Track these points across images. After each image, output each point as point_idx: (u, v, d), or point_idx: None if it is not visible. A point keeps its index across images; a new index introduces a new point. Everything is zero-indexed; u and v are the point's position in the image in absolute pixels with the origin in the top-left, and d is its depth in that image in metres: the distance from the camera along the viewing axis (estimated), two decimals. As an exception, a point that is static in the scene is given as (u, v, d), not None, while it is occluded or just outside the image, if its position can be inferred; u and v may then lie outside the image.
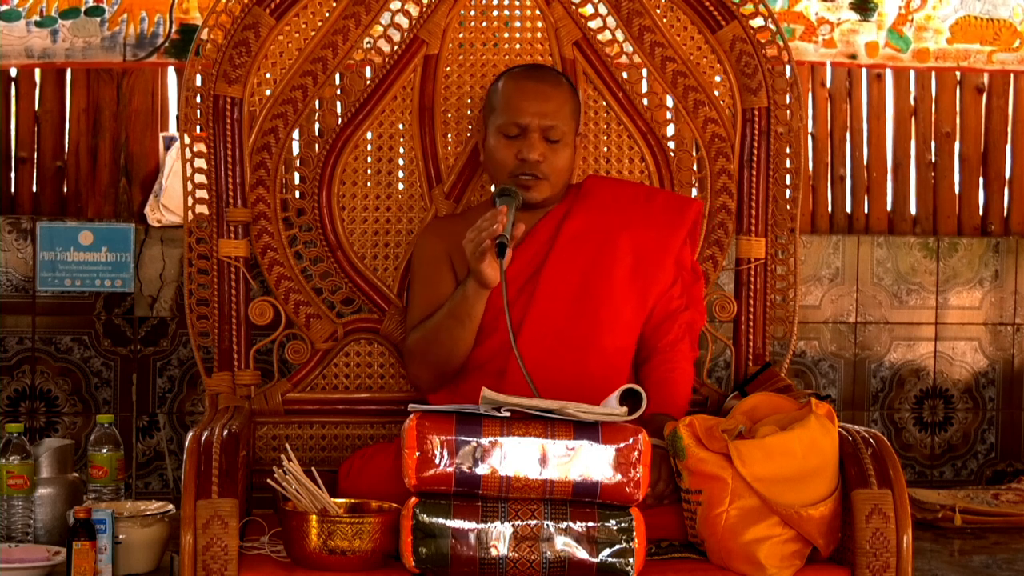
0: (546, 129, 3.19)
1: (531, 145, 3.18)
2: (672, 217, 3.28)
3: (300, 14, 3.41)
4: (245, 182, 3.39)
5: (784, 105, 3.47)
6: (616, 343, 3.19)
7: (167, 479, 4.69)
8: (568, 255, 3.21)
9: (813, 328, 5.11)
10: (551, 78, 3.27)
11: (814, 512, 2.81)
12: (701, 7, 3.47)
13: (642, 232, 3.24)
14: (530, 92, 3.21)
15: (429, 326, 3.20)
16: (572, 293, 3.18)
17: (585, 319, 3.17)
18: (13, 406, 4.67)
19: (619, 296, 3.20)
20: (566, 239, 3.22)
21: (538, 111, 3.19)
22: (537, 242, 3.24)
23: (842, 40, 5.12)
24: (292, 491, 2.82)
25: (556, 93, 3.22)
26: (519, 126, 3.20)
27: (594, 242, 3.22)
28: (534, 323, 3.17)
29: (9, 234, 4.64)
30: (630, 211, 3.26)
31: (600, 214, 3.25)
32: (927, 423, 5.22)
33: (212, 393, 3.38)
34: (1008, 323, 5.26)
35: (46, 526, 3.76)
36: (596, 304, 3.18)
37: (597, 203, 3.27)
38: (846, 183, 5.22)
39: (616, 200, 3.28)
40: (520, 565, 2.70)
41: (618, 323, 3.20)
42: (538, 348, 3.13)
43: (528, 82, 3.23)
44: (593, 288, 3.19)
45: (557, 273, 3.19)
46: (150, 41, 4.74)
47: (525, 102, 3.20)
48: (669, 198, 3.34)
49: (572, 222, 3.24)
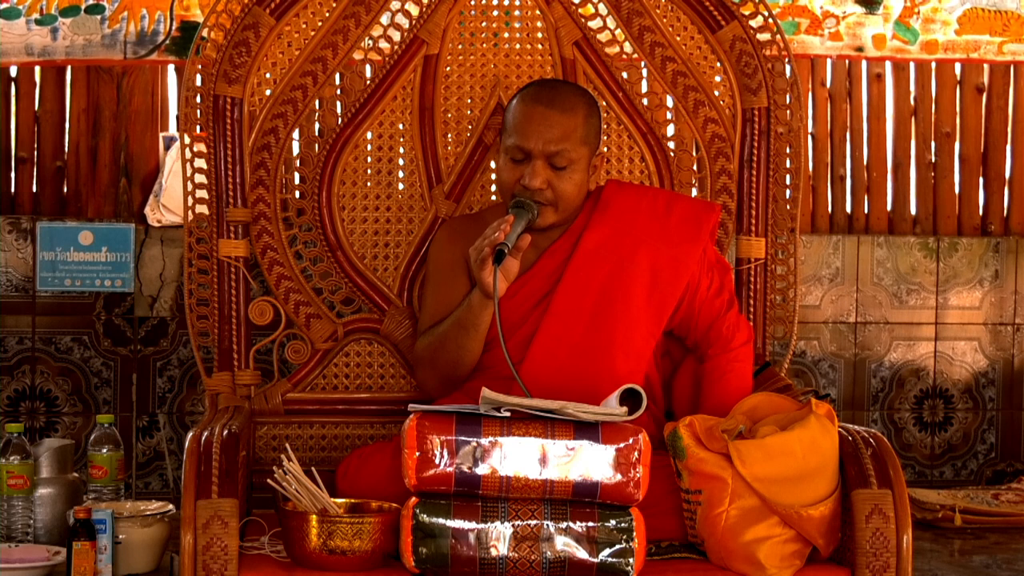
0: (551, 156, 3.12)
1: (534, 172, 3.12)
2: (690, 231, 3.21)
3: (300, 14, 3.41)
4: (245, 182, 3.39)
5: (784, 105, 3.47)
6: (629, 363, 3.14)
7: (167, 479, 4.69)
8: (585, 271, 3.17)
9: (813, 328, 5.11)
10: (563, 101, 3.16)
11: (814, 512, 2.81)
12: (701, 7, 3.46)
13: (660, 248, 3.18)
14: (536, 118, 3.13)
15: (437, 333, 3.19)
16: (588, 309, 3.15)
17: (599, 336, 3.13)
18: (13, 406, 4.67)
19: (635, 314, 3.16)
20: (583, 255, 3.18)
21: (543, 137, 3.12)
22: (555, 259, 3.20)
23: (848, 33, 5.12)
24: (292, 491, 2.82)
25: (564, 119, 3.13)
26: (523, 151, 3.14)
27: (611, 259, 3.17)
28: (546, 336, 3.14)
29: (9, 234, 4.64)
30: (648, 226, 3.20)
31: (617, 229, 3.19)
32: (927, 423, 5.22)
33: (212, 393, 3.38)
34: (1008, 323, 5.26)
35: (46, 526, 3.76)
36: (611, 322, 3.14)
37: (615, 217, 3.21)
38: (846, 183, 5.22)
39: (635, 214, 3.22)
40: (520, 565, 2.70)
41: (632, 342, 3.15)
42: (549, 362, 3.11)
43: (537, 106, 3.14)
44: (608, 306, 3.15)
45: (573, 289, 3.16)
46: (151, 39, 4.74)
47: (531, 127, 3.13)
48: (687, 209, 3.26)
49: (589, 237, 3.19)
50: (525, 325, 3.17)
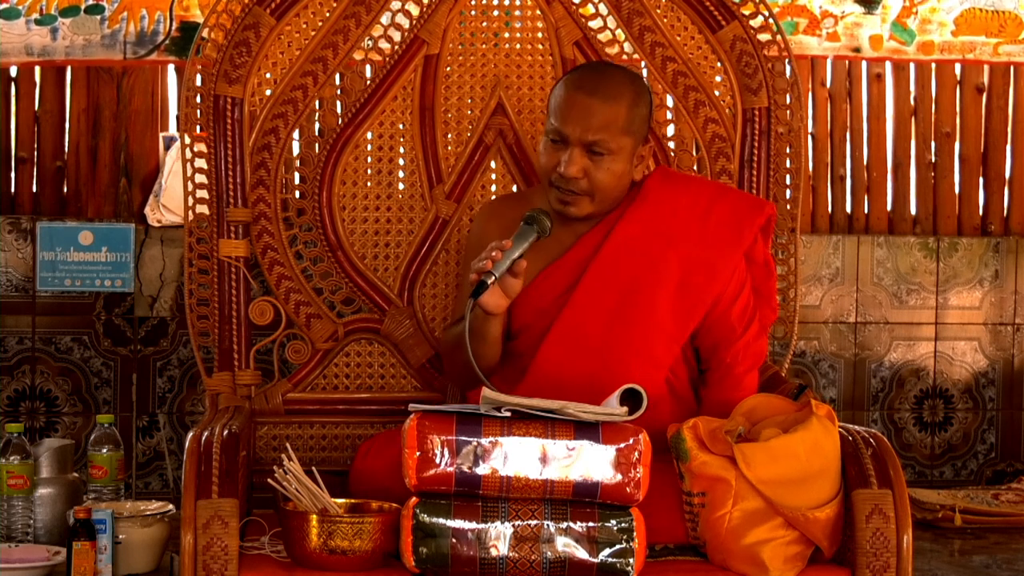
0: (589, 144, 3.04)
1: (571, 160, 3.04)
2: (728, 234, 3.10)
3: (300, 14, 3.41)
4: (245, 182, 3.39)
5: (784, 105, 3.47)
6: (643, 369, 3.04)
7: (167, 479, 4.69)
8: (611, 267, 3.08)
9: (813, 328, 5.11)
10: (607, 88, 3.07)
11: (820, 514, 2.81)
12: (701, 7, 3.46)
13: (693, 251, 3.08)
14: (577, 104, 3.05)
15: (454, 332, 3.14)
16: (609, 308, 3.07)
17: (617, 338, 3.05)
18: (13, 406, 4.67)
19: (658, 318, 3.07)
20: (611, 249, 3.09)
21: (581, 124, 3.04)
22: (585, 250, 3.11)
23: (846, 33, 5.12)
24: (292, 491, 2.82)
25: (605, 108, 3.04)
26: (561, 135, 3.06)
27: (640, 257, 3.08)
28: (562, 331, 3.07)
29: (9, 234, 4.64)
30: (684, 226, 3.10)
31: (650, 226, 3.09)
32: (927, 423, 5.22)
33: (212, 393, 3.38)
34: (1008, 323, 5.26)
35: (46, 526, 3.76)
36: (631, 324, 3.06)
37: (650, 212, 3.11)
38: (846, 183, 5.22)
39: (672, 211, 3.11)
40: (520, 565, 2.70)
41: (650, 347, 3.07)
42: (562, 357, 3.06)
43: (579, 93, 3.06)
44: (631, 306, 3.07)
45: (597, 284, 3.08)
46: (150, 39, 4.75)
47: (571, 113, 3.05)
48: (730, 208, 3.13)
49: (620, 231, 3.10)
50: (545, 317, 3.10)
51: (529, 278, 3.05)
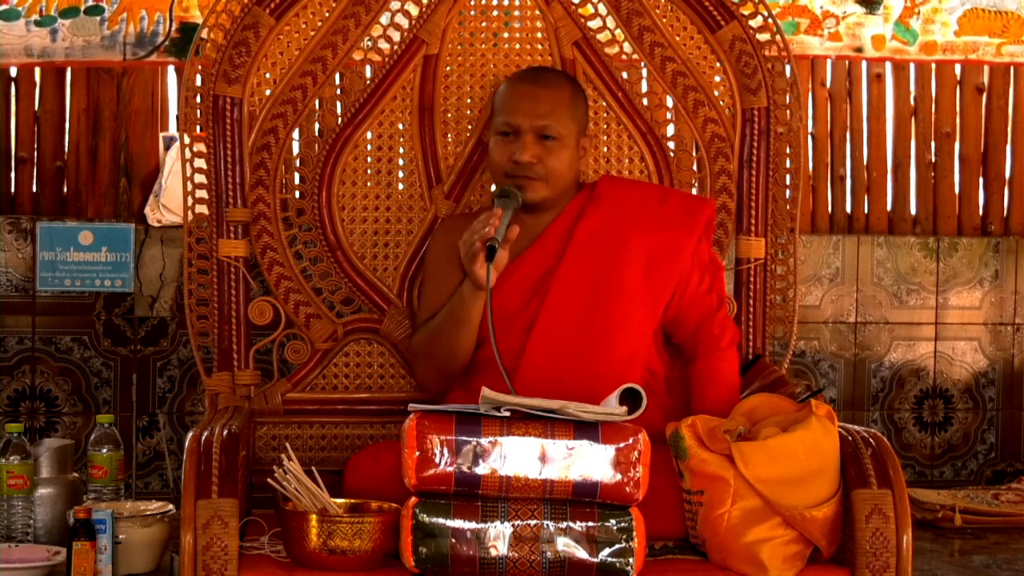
0: (540, 129, 3.20)
1: (524, 146, 3.20)
2: (685, 219, 3.27)
3: (300, 14, 3.41)
4: (245, 182, 3.39)
5: (784, 105, 3.47)
6: (627, 348, 3.19)
7: (167, 479, 4.69)
8: (581, 258, 3.21)
9: (813, 328, 5.11)
10: (549, 80, 3.28)
11: (817, 513, 2.81)
12: (701, 7, 3.47)
13: (655, 235, 3.24)
14: (523, 93, 3.24)
15: (431, 326, 3.22)
16: (584, 296, 3.19)
17: (597, 322, 3.18)
18: (13, 406, 4.67)
19: (630, 299, 3.21)
20: (579, 242, 3.23)
21: (531, 111, 3.20)
22: (549, 243, 3.25)
23: (848, 33, 5.12)
24: (292, 491, 2.82)
25: (550, 94, 3.23)
26: (512, 126, 3.22)
27: (606, 245, 3.22)
28: (545, 325, 3.18)
29: (9, 234, 4.64)
30: (643, 214, 3.26)
31: (613, 217, 3.25)
32: (927, 423, 5.22)
33: (212, 393, 3.38)
34: (1008, 323, 5.26)
35: (46, 526, 3.76)
36: (608, 307, 3.19)
37: (610, 206, 3.27)
38: (846, 183, 5.22)
39: (629, 202, 3.28)
40: (520, 565, 2.70)
41: (630, 327, 3.20)
42: (549, 350, 3.15)
43: (523, 84, 3.26)
44: (605, 291, 3.19)
45: (570, 276, 3.20)
46: (150, 40, 4.74)
47: (519, 103, 3.22)
48: (682, 200, 3.33)
49: (585, 225, 3.24)
50: (524, 312, 3.19)
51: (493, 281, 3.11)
